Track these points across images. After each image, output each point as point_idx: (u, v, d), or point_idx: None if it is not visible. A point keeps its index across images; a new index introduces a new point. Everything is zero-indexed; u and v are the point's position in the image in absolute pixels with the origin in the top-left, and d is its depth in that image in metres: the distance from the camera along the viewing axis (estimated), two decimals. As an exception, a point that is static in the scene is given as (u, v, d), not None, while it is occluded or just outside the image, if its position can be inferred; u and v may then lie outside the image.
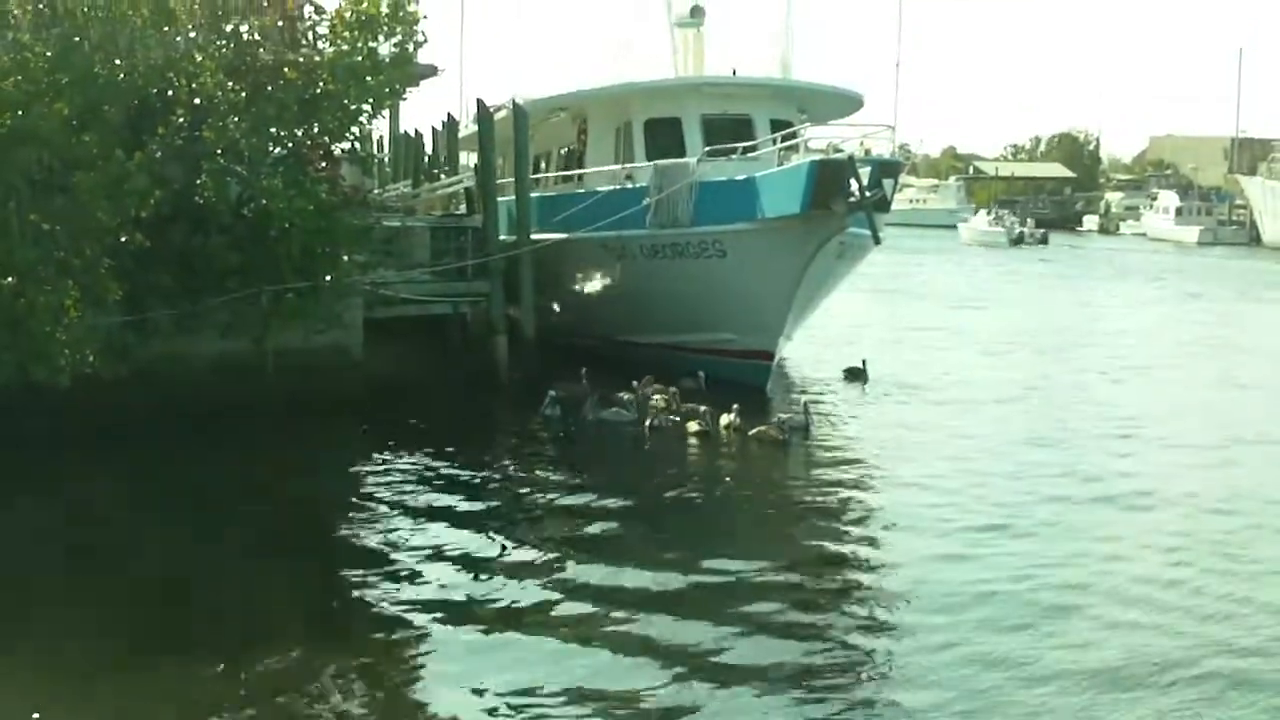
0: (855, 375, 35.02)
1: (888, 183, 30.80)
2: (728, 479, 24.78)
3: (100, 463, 22.61)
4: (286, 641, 14.88)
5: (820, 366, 37.76)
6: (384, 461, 24.49)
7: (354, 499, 22.01)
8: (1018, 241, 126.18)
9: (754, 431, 26.88)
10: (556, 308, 35.78)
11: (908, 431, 28.62)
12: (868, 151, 32.58)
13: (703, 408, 27.37)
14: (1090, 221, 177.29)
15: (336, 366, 27.57)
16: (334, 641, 15.21)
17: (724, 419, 27.17)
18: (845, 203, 29.16)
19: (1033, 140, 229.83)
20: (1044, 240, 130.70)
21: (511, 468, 24.87)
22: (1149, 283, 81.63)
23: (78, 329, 21.66)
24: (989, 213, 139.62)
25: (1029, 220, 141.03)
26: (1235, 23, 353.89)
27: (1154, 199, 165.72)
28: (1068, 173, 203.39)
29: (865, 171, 29.32)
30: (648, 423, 27.33)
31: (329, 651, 14.74)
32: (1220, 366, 40.98)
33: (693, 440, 26.64)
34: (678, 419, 27.62)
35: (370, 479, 23.37)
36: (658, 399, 28.53)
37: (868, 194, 29.01)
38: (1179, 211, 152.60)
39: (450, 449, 25.55)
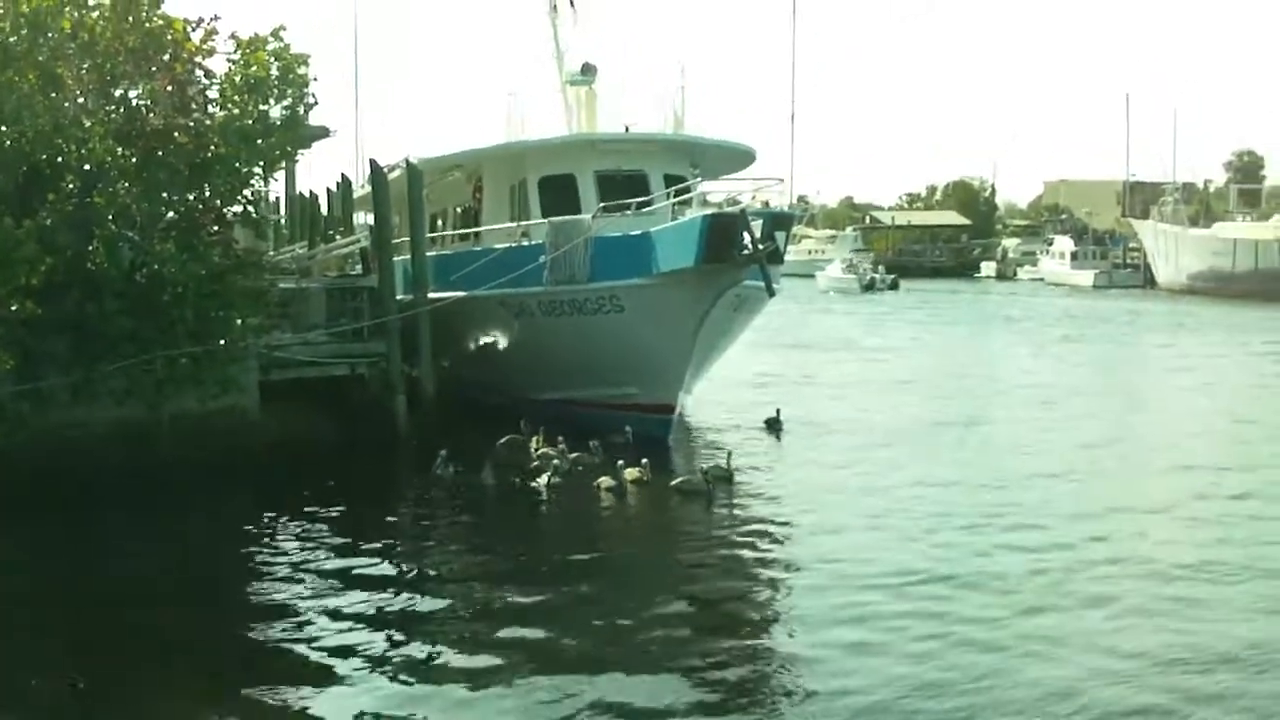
0: (771, 425, 35.24)
1: (780, 235, 31.10)
2: (639, 533, 25.01)
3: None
4: (183, 704, 14.95)
5: (727, 416, 37.97)
6: (282, 524, 24.34)
7: (252, 561, 21.87)
8: (869, 288, 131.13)
9: (676, 482, 27.00)
10: (456, 366, 35.73)
11: (824, 479, 28.93)
12: (766, 204, 32.91)
13: (620, 461, 27.39)
14: (988, 268, 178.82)
15: (233, 430, 27.45)
16: (228, 702, 15.16)
17: (630, 472, 27.06)
18: (739, 255, 29.38)
19: (928, 188, 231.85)
20: (894, 286, 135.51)
21: (410, 528, 25.00)
22: (1003, 325, 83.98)
23: (-31, 399, 21.46)
24: (842, 261, 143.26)
25: (880, 268, 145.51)
26: (1122, 68, 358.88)
27: (1050, 244, 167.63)
28: (964, 220, 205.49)
29: (758, 224, 29.53)
30: (545, 479, 27.07)
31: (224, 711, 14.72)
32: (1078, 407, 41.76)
33: (603, 496, 26.50)
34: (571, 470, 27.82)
35: (268, 541, 23.23)
36: (574, 456, 28.52)
37: (760, 246, 29.20)
38: (1074, 256, 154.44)
39: (348, 510, 25.42)
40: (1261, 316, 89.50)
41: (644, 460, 27.40)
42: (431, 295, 33.92)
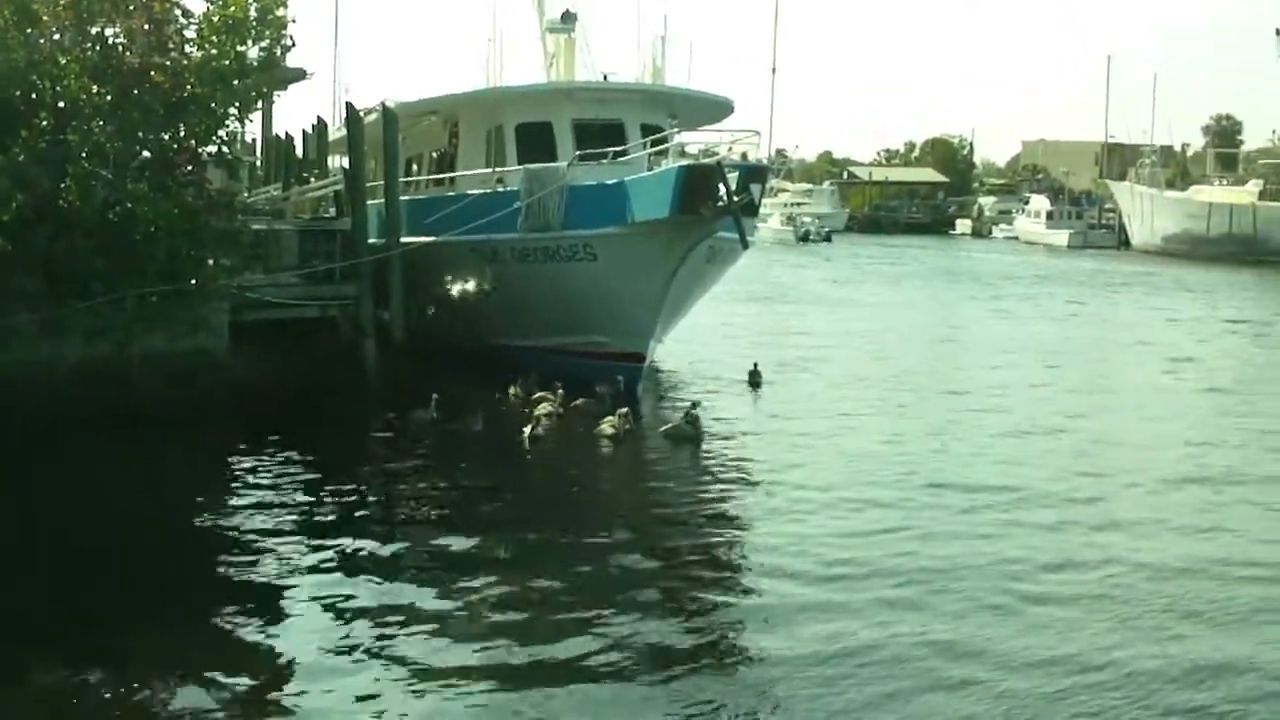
0: (752, 379, 35.43)
1: (755, 188, 31.16)
2: (618, 479, 25.37)
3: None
4: (142, 643, 14.95)
5: (697, 366, 38.44)
6: (248, 465, 24.36)
7: (218, 501, 21.95)
8: (804, 239, 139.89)
9: (665, 429, 27.57)
10: (429, 311, 35.71)
11: (801, 429, 29.38)
12: (743, 156, 32.93)
13: (623, 410, 27.61)
14: (963, 225, 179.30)
15: (202, 370, 27.36)
16: (192, 646, 15.17)
17: (607, 422, 27.19)
18: (713, 207, 29.44)
19: (907, 145, 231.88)
20: (827, 239, 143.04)
21: (378, 472, 25.05)
22: (947, 281, 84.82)
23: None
24: (781, 214, 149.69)
25: (815, 221, 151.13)
26: (1104, 30, 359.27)
27: (1026, 203, 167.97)
28: (941, 177, 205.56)
29: (734, 177, 29.58)
30: (528, 430, 27.02)
31: (188, 654, 14.75)
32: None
33: (591, 443, 26.86)
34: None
35: (234, 482, 23.30)
36: (545, 406, 28.69)
37: (735, 198, 29.27)
38: (1050, 215, 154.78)
39: (316, 452, 25.56)
40: (1229, 279, 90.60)
41: (624, 409, 27.57)
42: (404, 240, 33.83)
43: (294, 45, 28.43)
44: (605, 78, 38.30)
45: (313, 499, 22.01)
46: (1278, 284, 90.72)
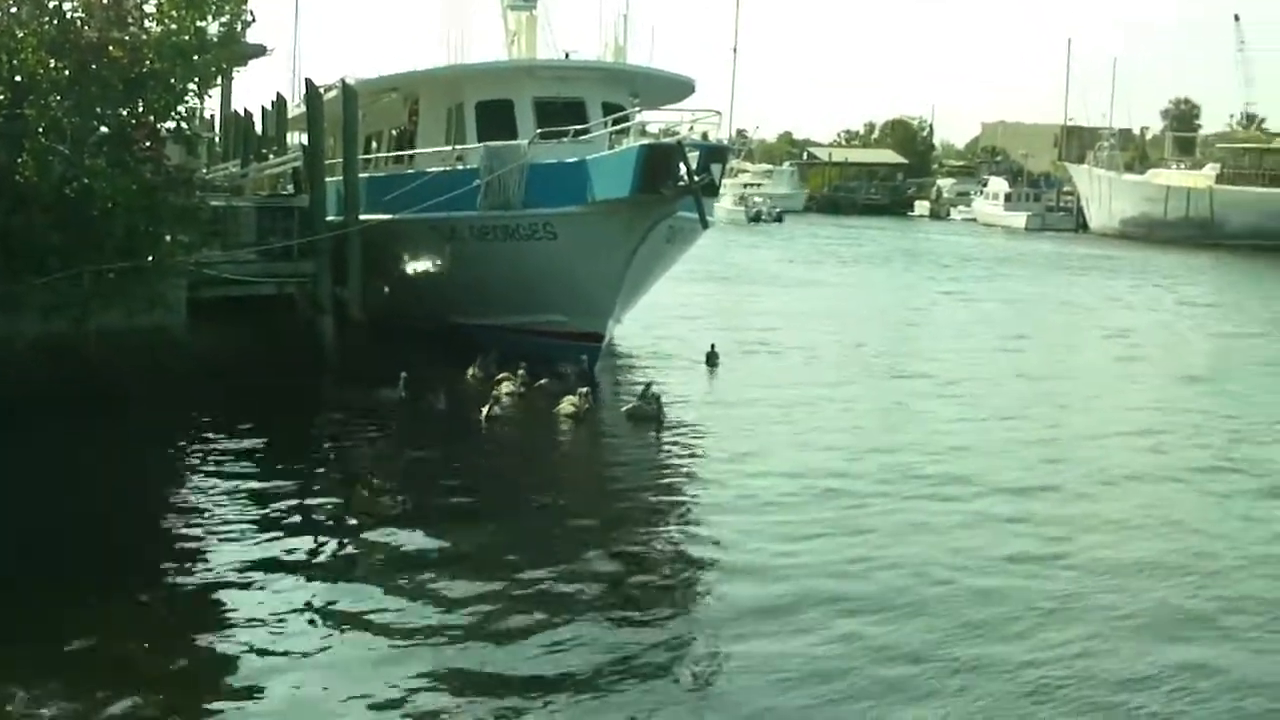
0: (709, 359, 35.44)
1: (715, 168, 31.14)
2: (582, 466, 25.25)
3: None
4: (98, 627, 14.80)
5: (661, 348, 38.67)
6: (206, 443, 24.20)
7: (172, 482, 21.86)
8: (755, 219, 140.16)
9: (627, 408, 27.52)
10: (386, 289, 35.60)
11: (758, 411, 29.57)
12: (704, 136, 32.90)
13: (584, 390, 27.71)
14: (921, 207, 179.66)
15: (159, 347, 27.18)
16: (146, 626, 15.08)
17: (568, 401, 27.18)
18: (674, 187, 29.45)
19: (867, 126, 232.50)
20: (779, 219, 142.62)
21: (339, 453, 24.95)
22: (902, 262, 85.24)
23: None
24: (733, 194, 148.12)
25: (767, 201, 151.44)
26: (1064, 12, 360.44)
27: (985, 185, 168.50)
28: (900, 159, 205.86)
29: (694, 156, 29.57)
30: (486, 410, 26.90)
31: (139, 637, 14.67)
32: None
33: (552, 423, 26.91)
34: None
35: (190, 461, 23.13)
36: (506, 385, 28.65)
37: (696, 178, 29.29)
38: (1008, 197, 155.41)
39: (272, 430, 25.40)
40: (1186, 263, 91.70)
41: (584, 389, 27.64)
42: (363, 217, 33.71)
43: (254, 21, 28.38)
44: (567, 56, 38.22)
45: (268, 481, 21.73)
46: (1234, 267, 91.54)
